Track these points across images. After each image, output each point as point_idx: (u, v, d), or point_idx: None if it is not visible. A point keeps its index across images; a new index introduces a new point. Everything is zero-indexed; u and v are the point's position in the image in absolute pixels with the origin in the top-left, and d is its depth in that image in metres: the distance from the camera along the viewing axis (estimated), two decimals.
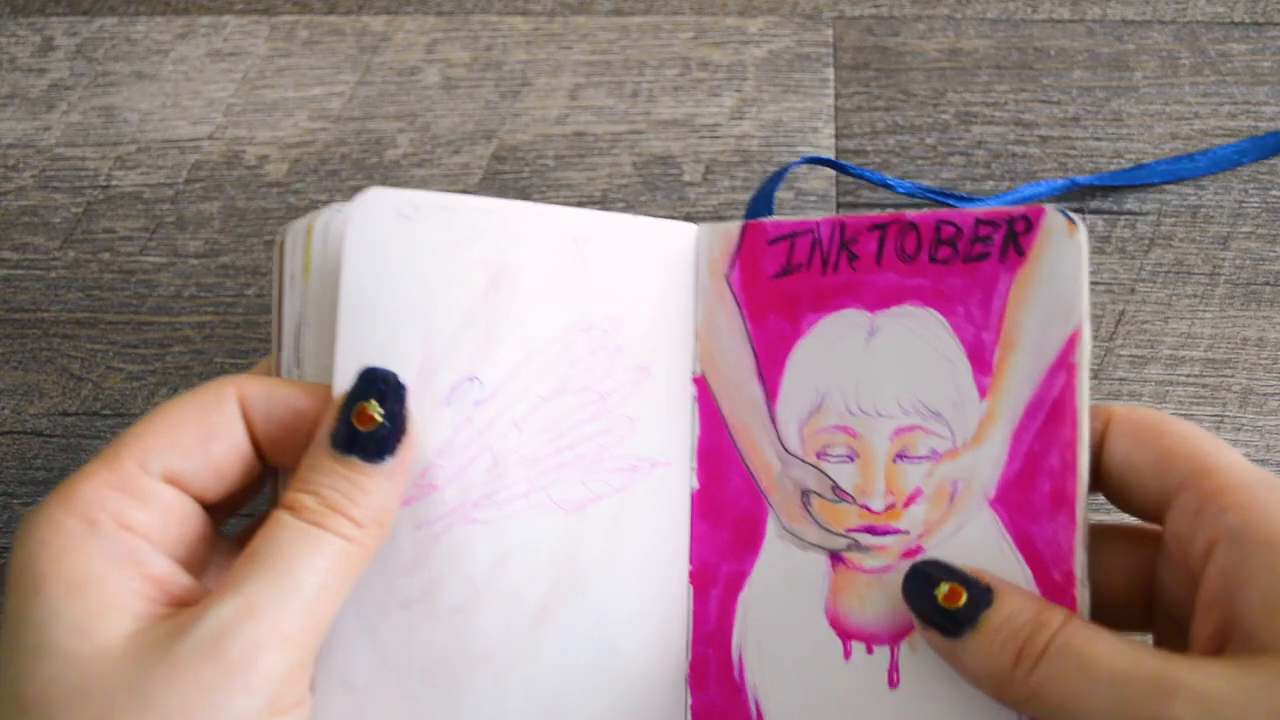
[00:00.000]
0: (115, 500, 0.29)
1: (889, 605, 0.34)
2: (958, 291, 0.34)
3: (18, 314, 0.45)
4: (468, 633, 0.34)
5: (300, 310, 0.34)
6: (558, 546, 0.35)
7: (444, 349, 0.34)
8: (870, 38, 0.48)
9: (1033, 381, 0.33)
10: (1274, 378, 0.44)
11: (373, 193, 0.33)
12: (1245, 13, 0.48)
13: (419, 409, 0.33)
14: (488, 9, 0.49)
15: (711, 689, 0.36)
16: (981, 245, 0.34)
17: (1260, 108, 0.47)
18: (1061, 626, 0.30)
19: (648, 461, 0.36)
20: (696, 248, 0.37)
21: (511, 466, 0.34)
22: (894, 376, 0.35)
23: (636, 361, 0.36)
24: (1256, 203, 0.46)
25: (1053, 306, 0.33)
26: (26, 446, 0.43)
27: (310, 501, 0.30)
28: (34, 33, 0.49)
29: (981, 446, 0.34)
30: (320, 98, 0.48)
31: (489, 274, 0.34)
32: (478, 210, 0.35)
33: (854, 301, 0.35)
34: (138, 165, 0.47)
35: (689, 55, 0.48)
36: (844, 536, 0.35)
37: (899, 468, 0.35)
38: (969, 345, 0.34)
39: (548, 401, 0.35)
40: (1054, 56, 0.48)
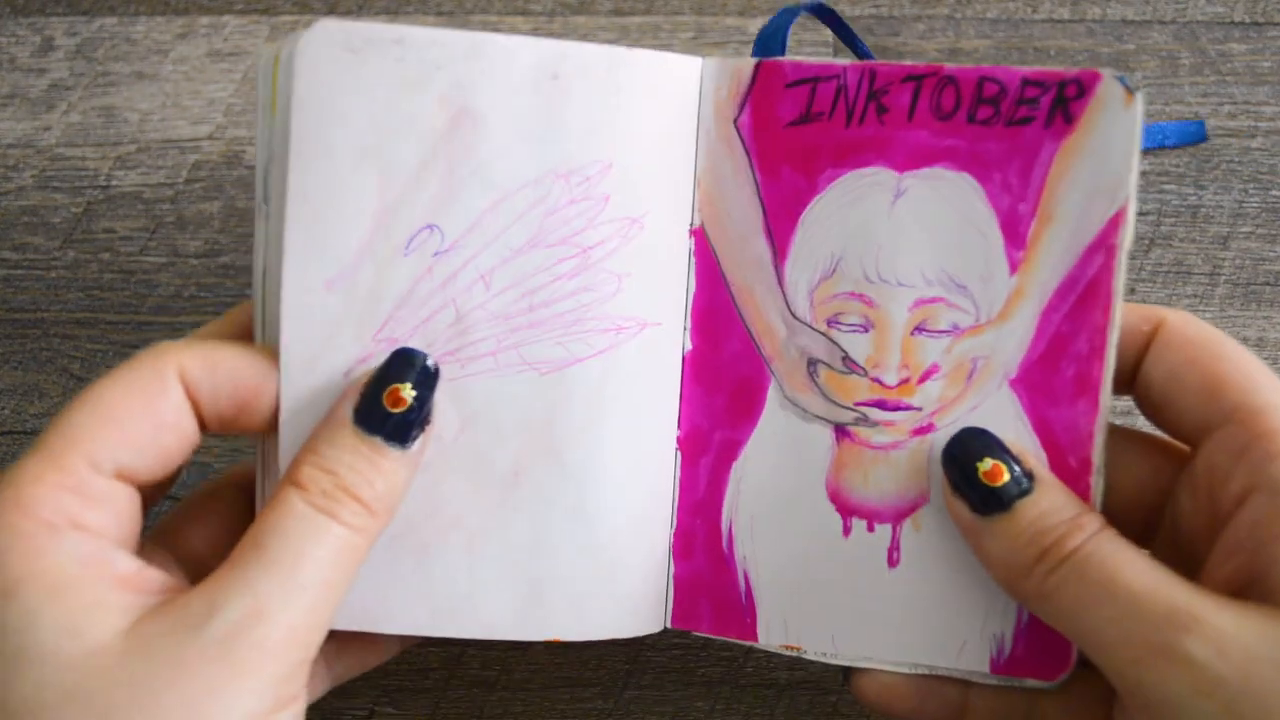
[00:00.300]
0: (70, 502, 0.28)
1: (894, 483, 0.33)
2: (996, 157, 0.32)
3: (18, 314, 0.45)
4: (437, 495, 0.33)
5: (269, 146, 0.32)
6: (532, 410, 0.33)
7: (400, 195, 0.32)
8: (870, 38, 0.48)
9: (1068, 260, 0.31)
10: None
11: (321, 24, 0.31)
12: (1245, 13, 0.48)
13: (375, 259, 0.32)
14: (488, 9, 0.49)
15: (697, 559, 0.35)
16: (1027, 108, 0.31)
17: (1260, 108, 0.47)
18: (1094, 535, 0.29)
19: (636, 321, 0.34)
20: (701, 86, 0.34)
21: (477, 322, 0.32)
22: (919, 244, 0.32)
23: (626, 212, 0.33)
24: (1256, 203, 0.46)
25: (1098, 181, 0.31)
26: (26, 446, 0.43)
27: (324, 480, 0.29)
28: (34, 33, 0.49)
29: (1006, 324, 0.32)
30: None
31: (448, 113, 0.32)
32: (434, 43, 0.32)
33: (880, 159, 0.33)
34: (138, 165, 0.47)
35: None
36: (851, 410, 0.33)
37: (916, 341, 0.33)
38: (1003, 216, 0.32)
39: (520, 254, 0.33)
40: (1054, 56, 0.48)
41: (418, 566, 0.33)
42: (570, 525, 0.33)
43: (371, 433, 0.30)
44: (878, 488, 0.33)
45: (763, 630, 0.34)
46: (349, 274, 0.32)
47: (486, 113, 0.32)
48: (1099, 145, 0.31)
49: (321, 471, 0.29)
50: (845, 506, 0.34)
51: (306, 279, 0.31)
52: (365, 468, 0.29)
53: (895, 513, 0.33)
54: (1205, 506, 0.30)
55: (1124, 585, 0.27)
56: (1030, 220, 0.32)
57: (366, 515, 0.29)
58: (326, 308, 0.31)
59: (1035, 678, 0.32)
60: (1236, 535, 0.28)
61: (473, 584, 0.33)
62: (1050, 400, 0.32)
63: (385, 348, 0.32)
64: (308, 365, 0.31)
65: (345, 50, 0.31)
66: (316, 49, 0.31)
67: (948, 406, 0.33)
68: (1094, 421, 0.31)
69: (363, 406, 0.30)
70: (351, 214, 0.31)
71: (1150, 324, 0.31)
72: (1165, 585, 0.27)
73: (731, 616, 0.35)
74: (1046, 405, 0.32)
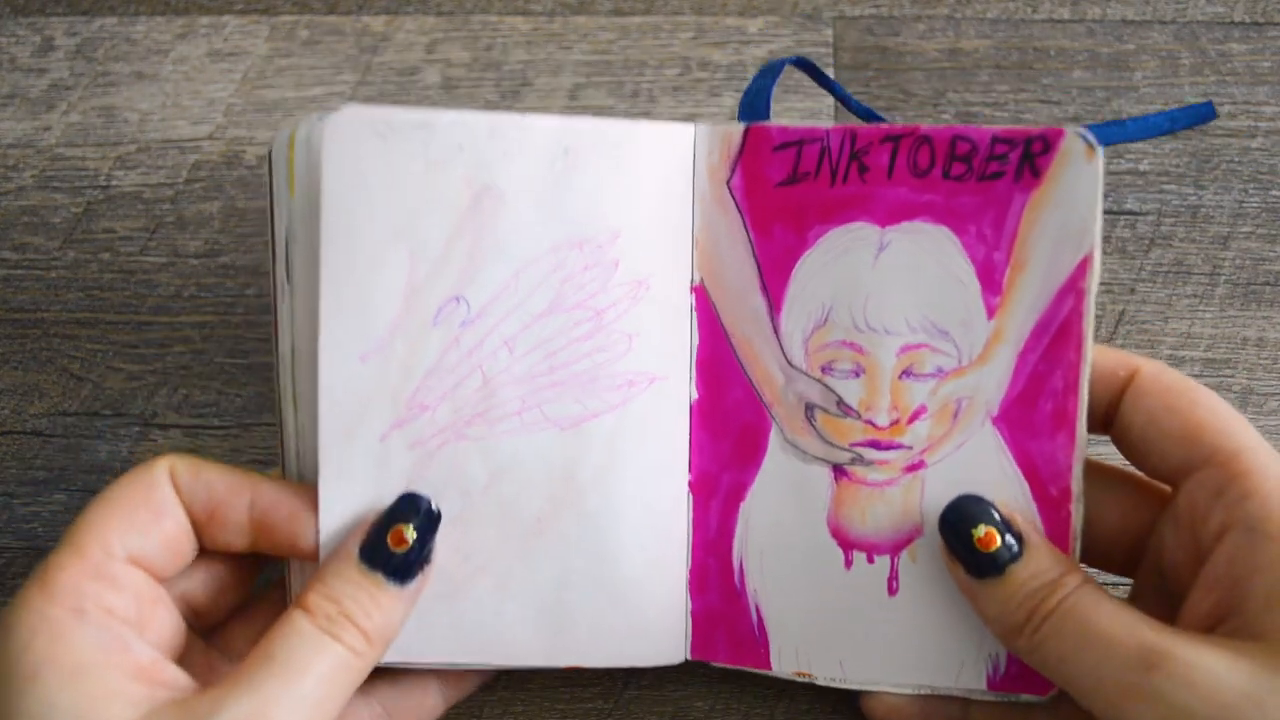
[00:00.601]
0: (93, 587, 0.30)
1: (890, 518, 0.35)
2: (971, 210, 0.34)
3: (18, 314, 0.45)
4: (467, 543, 0.35)
5: (288, 224, 0.34)
6: (554, 462, 0.35)
7: (429, 270, 0.34)
8: (870, 38, 0.48)
9: (1041, 303, 0.34)
10: (1274, 378, 0.44)
11: (347, 111, 0.33)
12: (1245, 13, 0.48)
13: (406, 332, 0.34)
14: (488, 9, 0.49)
15: (712, 594, 0.37)
16: (997, 164, 0.34)
17: (1260, 108, 0.47)
18: (1074, 590, 0.31)
19: (645, 376, 0.36)
20: (694, 151, 0.36)
21: (503, 385, 0.35)
22: (903, 293, 0.35)
23: (634, 275, 0.35)
24: (1256, 203, 0.46)
25: (1065, 230, 0.33)
26: (26, 446, 0.43)
27: (329, 608, 0.31)
28: (34, 33, 0.49)
29: (987, 365, 0.34)
30: (320, 98, 0.48)
31: (472, 191, 0.34)
32: (456, 125, 0.34)
33: (863, 215, 0.35)
34: (138, 165, 0.47)
35: (689, 55, 0.48)
36: (847, 451, 0.35)
37: (904, 384, 0.35)
38: (980, 264, 0.34)
39: (539, 320, 0.35)
40: (1054, 56, 0.48)
41: (449, 608, 0.35)
42: (591, 566, 0.35)
43: (374, 569, 0.32)
44: (875, 523, 0.35)
45: (775, 659, 0.36)
46: (383, 347, 0.34)
47: (506, 189, 0.34)
48: (1065, 196, 0.33)
49: (326, 599, 0.31)
50: (846, 541, 0.36)
51: (342, 353, 0.33)
52: (366, 600, 0.31)
53: (893, 545, 0.35)
54: (1188, 543, 0.32)
55: (1099, 632, 0.29)
56: (1005, 268, 0.34)
57: (365, 642, 0.31)
58: (361, 379, 0.34)
59: (1029, 693, 0.34)
60: (1215, 570, 0.30)
61: (500, 621, 0.35)
62: (1030, 434, 0.34)
63: (417, 413, 0.34)
64: (345, 434, 0.34)
65: (372, 135, 0.33)
66: (344, 135, 0.33)
67: (936, 444, 0.35)
68: (1072, 453, 0.34)
69: (368, 544, 0.32)
70: (384, 290, 0.33)
71: (1126, 370, 0.33)
72: (1137, 628, 0.29)
73: (746, 647, 0.37)
74: (1027, 439, 0.34)
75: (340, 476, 0.34)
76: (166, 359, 0.44)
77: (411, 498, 0.33)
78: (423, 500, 0.33)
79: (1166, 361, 0.44)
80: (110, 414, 0.44)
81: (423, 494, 0.34)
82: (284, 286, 0.34)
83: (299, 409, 0.34)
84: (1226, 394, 0.43)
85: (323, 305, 0.33)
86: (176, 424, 0.43)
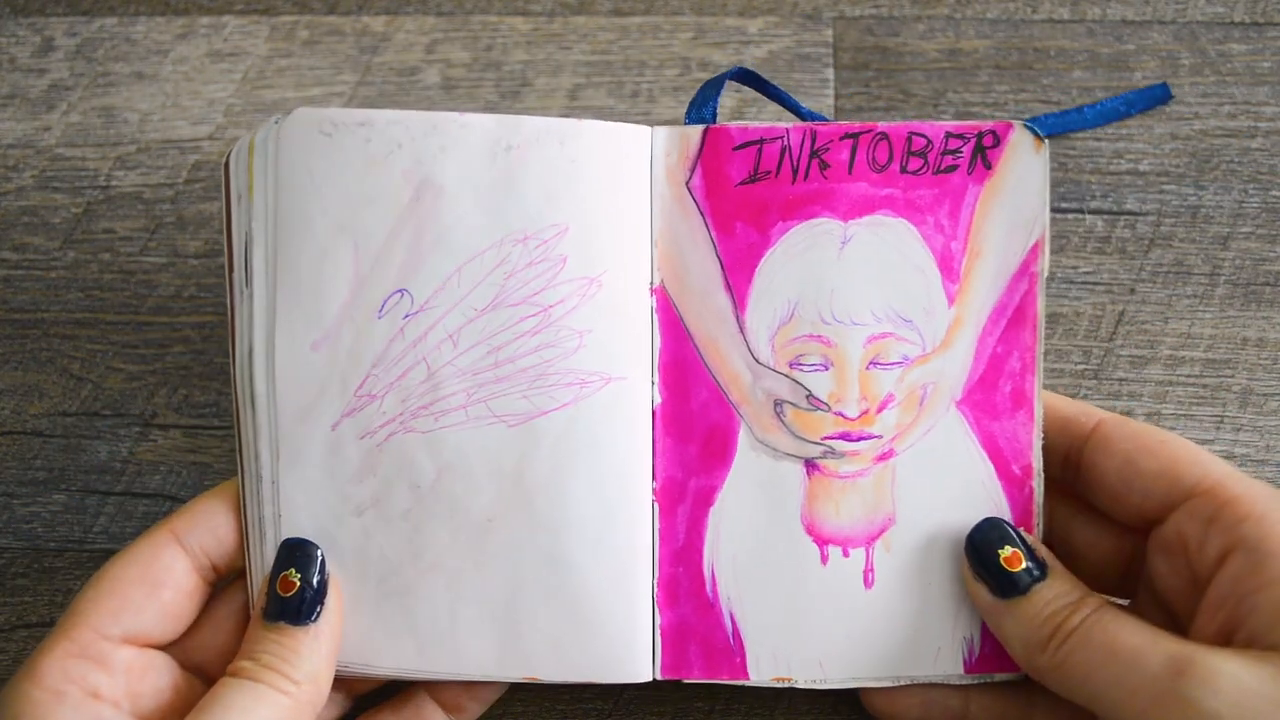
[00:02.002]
0: (78, 668, 0.32)
1: (864, 509, 0.36)
2: (928, 202, 0.36)
3: (18, 314, 0.45)
4: (418, 540, 0.35)
5: (247, 227, 0.35)
6: (502, 460, 0.35)
7: (372, 263, 0.35)
8: (870, 38, 0.48)
9: (997, 289, 0.36)
10: (1274, 378, 0.44)
11: (298, 113, 0.35)
12: (1245, 13, 0.48)
13: (353, 322, 0.35)
14: (488, 9, 0.49)
15: (683, 606, 0.36)
16: (951, 157, 0.36)
17: (1260, 108, 0.47)
18: (1095, 610, 0.32)
19: (599, 376, 0.36)
20: (651, 153, 0.36)
21: (447, 378, 0.35)
22: (867, 285, 0.36)
23: (584, 272, 0.36)
24: (1256, 203, 0.46)
25: (1017, 217, 0.35)
26: (26, 446, 0.43)
27: (249, 665, 0.33)
28: (34, 33, 0.49)
29: (950, 351, 0.36)
30: (320, 98, 0.48)
31: (411, 187, 0.35)
32: (395, 123, 0.35)
33: (826, 210, 0.36)
34: (138, 165, 0.47)
35: (689, 55, 0.48)
36: (819, 444, 0.36)
37: (872, 374, 0.36)
38: (939, 254, 0.36)
39: (483, 314, 0.35)
40: (1054, 56, 0.48)
41: (403, 608, 0.35)
42: (544, 572, 0.36)
43: (277, 620, 0.34)
44: (849, 515, 0.36)
45: (753, 667, 0.36)
46: (331, 336, 0.35)
47: (447, 184, 0.35)
48: (1016, 186, 0.35)
49: (246, 660, 0.33)
50: (821, 536, 0.36)
51: (295, 341, 0.35)
52: (279, 649, 0.33)
53: (867, 536, 0.36)
54: (1183, 570, 0.33)
55: (1124, 645, 0.31)
56: (962, 256, 0.36)
57: (292, 685, 0.33)
58: (313, 367, 0.35)
59: (1004, 672, 0.36)
60: (1220, 591, 0.32)
61: (454, 623, 0.35)
62: (992, 415, 0.36)
63: (366, 403, 0.35)
64: (300, 418, 0.35)
65: (319, 134, 0.35)
66: (295, 135, 0.35)
67: (905, 432, 0.36)
68: (1032, 430, 0.36)
69: (267, 602, 0.34)
70: (331, 281, 0.35)
71: (1088, 419, 0.35)
72: (1161, 640, 0.31)
73: (721, 659, 0.36)
74: (990, 420, 0.36)
75: (297, 463, 0.35)
76: (166, 359, 0.44)
77: (286, 544, 0.35)
78: (295, 541, 0.35)
79: (1166, 362, 0.44)
80: (110, 414, 0.44)
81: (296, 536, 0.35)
82: (242, 290, 0.35)
83: (255, 408, 0.35)
84: (1226, 394, 0.43)
85: (279, 295, 0.35)
86: (176, 424, 0.43)
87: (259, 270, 0.35)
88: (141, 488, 0.43)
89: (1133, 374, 0.44)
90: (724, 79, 0.39)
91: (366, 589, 0.35)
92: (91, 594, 0.33)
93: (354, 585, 0.35)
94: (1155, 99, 0.46)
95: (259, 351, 0.35)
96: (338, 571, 0.35)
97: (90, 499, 0.43)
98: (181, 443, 0.43)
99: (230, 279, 0.35)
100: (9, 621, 0.41)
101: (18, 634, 0.41)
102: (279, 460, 0.35)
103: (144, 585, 0.33)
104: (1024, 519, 0.36)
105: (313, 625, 0.34)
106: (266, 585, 0.34)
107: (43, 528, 0.42)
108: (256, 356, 0.35)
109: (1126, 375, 0.44)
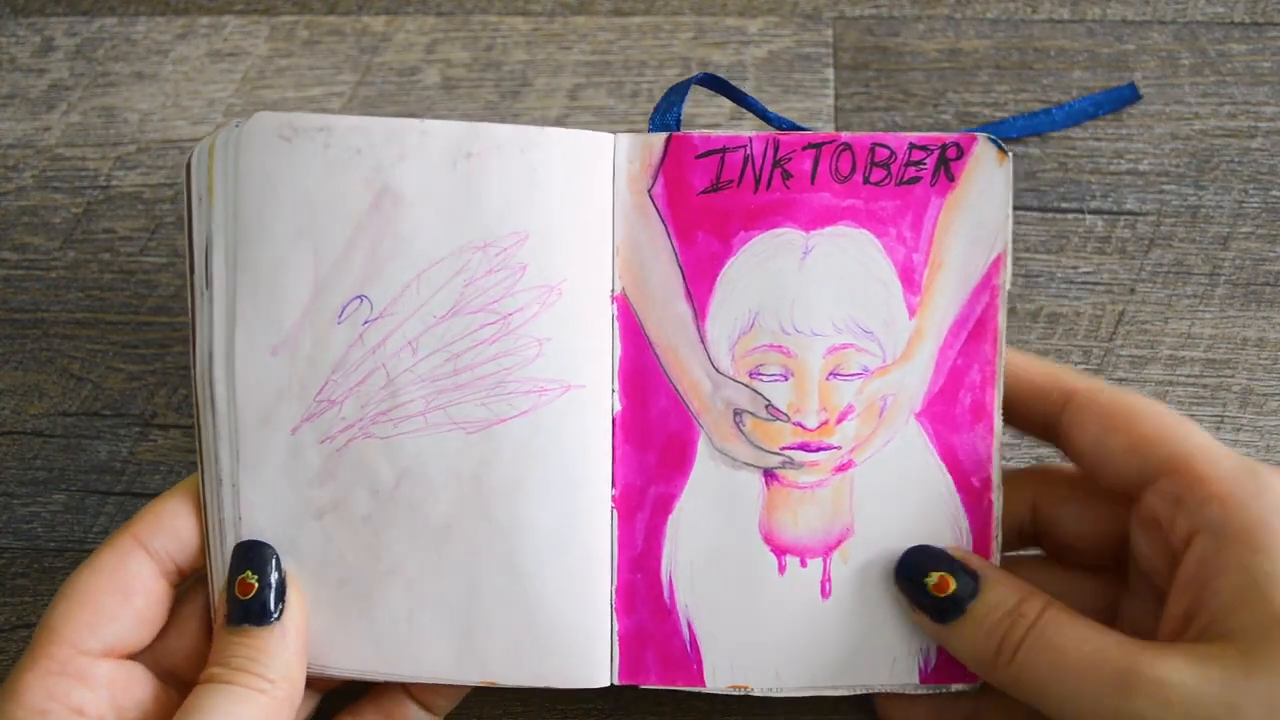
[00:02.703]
0: (60, 685, 0.32)
1: (822, 519, 0.36)
2: (890, 213, 0.35)
3: (18, 314, 0.45)
4: (377, 544, 0.36)
5: (207, 230, 0.35)
6: (461, 467, 0.35)
7: (332, 269, 0.35)
8: (870, 38, 0.48)
9: (958, 301, 0.35)
10: (1274, 378, 0.44)
11: (258, 117, 0.35)
12: (1245, 13, 0.48)
13: (313, 327, 0.35)
14: (488, 9, 0.49)
15: (640, 613, 0.36)
16: (914, 169, 0.35)
17: (1260, 108, 0.47)
18: (1038, 618, 0.32)
19: (559, 384, 0.36)
20: (614, 160, 0.36)
21: (406, 385, 0.35)
22: (828, 296, 0.36)
23: (544, 281, 0.36)
24: (1256, 203, 0.46)
25: (980, 230, 0.35)
26: (26, 446, 0.43)
27: (221, 670, 0.33)
28: (34, 33, 0.49)
29: (910, 363, 0.36)
30: (320, 98, 0.48)
31: (371, 193, 0.35)
32: (355, 130, 0.35)
33: (788, 220, 0.36)
34: (138, 165, 0.47)
35: (689, 55, 0.48)
36: (778, 454, 0.36)
37: (832, 385, 0.36)
38: (900, 266, 0.35)
39: (442, 321, 0.35)
40: (1054, 56, 0.48)
41: (362, 611, 0.36)
42: (501, 577, 0.36)
43: (240, 623, 0.33)
44: (807, 525, 0.36)
45: (709, 674, 0.36)
46: (291, 341, 0.35)
47: (405, 191, 0.35)
48: (978, 198, 0.35)
49: (216, 665, 0.33)
50: (778, 546, 0.36)
51: (254, 345, 0.35)
52: (247, 652, 0.33)
53: (825, 547, 0.36)
54: (1161, 548, 0.33)
55: (1072, 660, 0.31)
56: (924, 268, 0.35)
57: (267, 684, 0.33)
58: (272, 371, 0.35)
59: (960, 682, 0.36)
60: (1186, 574, 0.31)
61: (413, 626, 0.36)
62: (952, 428, 0.36)
63: (325, 408, 0.35)
64: (259, 422, 0.35)
65: (279, 138, 0.35)
66: (255, 139, 0.35)
67: (864, 443, 0.36)
68: (991, 443, 0.36)
69: (229, 608, 0.34)
70: (291, 286, 0.35)
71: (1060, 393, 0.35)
72: (1108, 650, 0.30)
73: (678, 665, 0.36)
74: (949, 433, 0.36)
75: (256, 466, 0.35)
76: (166, 359, 0.44)
77: (239, 547, 0.35)
78: (248, 544, 0.35)
79: (1166, 362, 0.44)
80: (110, 414, 0.44)
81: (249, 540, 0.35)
82: (203, 293, 0.35)
83: (215, 411, 0.35)
84: (1226, 394, 0.43)
85: (238, 298, 0.35)
86: (176, 424, 0.43)
87: (219, 273, 0.35)
88: (141, 488, 0.43)
89: (1133, 374, 0.44)
90: (688, 85, 0.38)
91: (326, 591, 0.35)
92: (64, 608, 0.33)
93: (314, 587, 0.35)
94: (1123, 99, 0.46)
95: (219, 354, 0.35)
96: (298, 573, 0.35)
97: (90, 499, 0.43)
98: (181, 443, 0.43)
99: (191, 281, 0.35)
100: (9, 621, 0.41)
101: (18, 634, 0.41)
102: (239, 463, 0.35)
103: (115, 595, 0.33)
104: (982, 531, 0.36)
105: (277, 624, 0.34)
106: (225, 593, 0.34)
107: (43, 528, 0.42)
108: (216, 359, 0.35)
109: (1126, 375, 0.44)
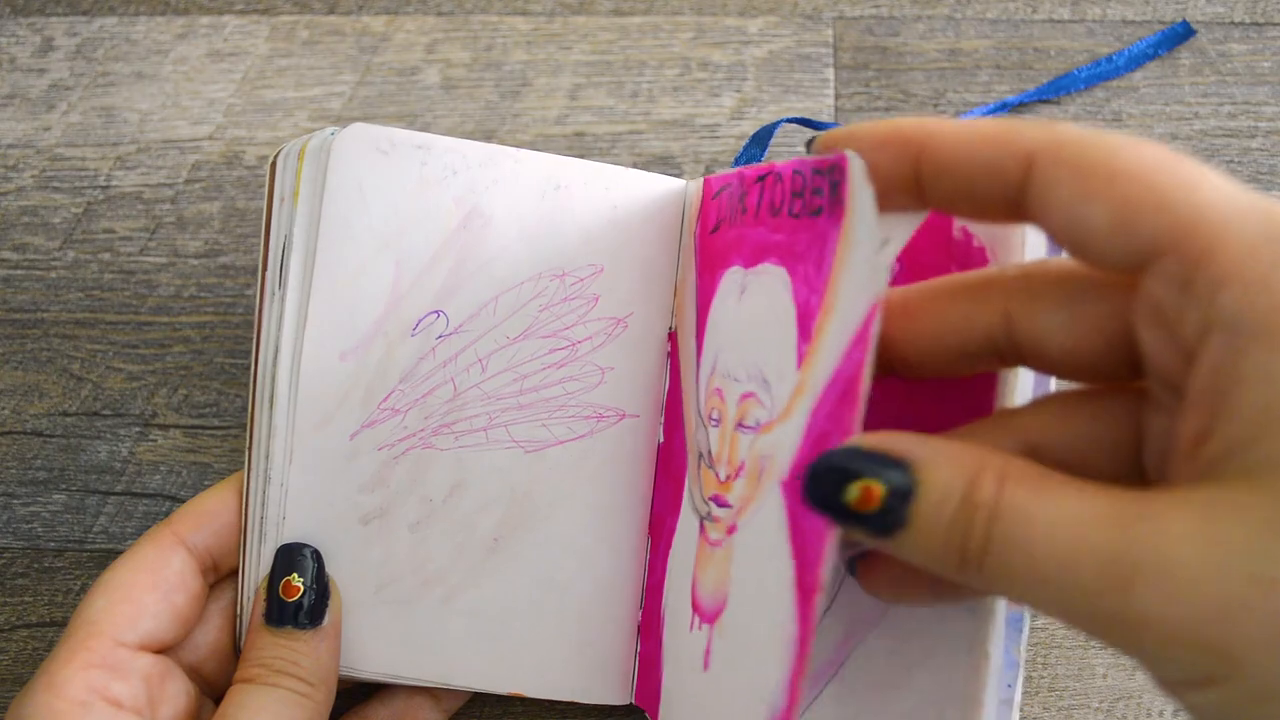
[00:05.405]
0: (99, 678, 0.31)
1: (715, 583, 0.31)
2: (803, 249, 0.28)
3: (18, 314, 0.45)
4: (422, 552, 0.36)
5: (287, 230, 0.36)
6: (514, 482, 0.36)
7: (413, 281, 0.36)
8: (870, 38, 0.48)
9: (837, 355, 0.27)
10: None
11: (355, 128, 0.35)
12: (1245, 13, 0.48)
13: (386, 336, 0.35)
14: (488, 9, 0.49)
15: (651, 642, 0.37)
16: (817, 197, 0.28)
17: (1260, 108, 0.47)
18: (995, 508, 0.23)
19: (616, 412, 0.37)
20: (686, 203, 0.37)
21: (472, 400, 0.36)
22: (747, 340, 0.31)
23: (613, 312, 0.37)
24: None
25: (860, 270, 0.26)
26: (26, 446, 0.43)
27: (263, 671, 0.33)
28: (34, 33, 0.49)
29: (788, 422, 0.28)
30: (320, 98, 0.48)
31: (461, 213, 0.36)
32: (452, 150, 0.36)
33: (738, 258, 0.32)
34: (138, 165, 0.47)
35: (689, 55, 0.48)
36: (706, 503, 0.33)
37: (737, 436, 0.31)
38: (800, 309, 0.28)
39: (514, 342, 0.36)
40: (1054, 56, 0.48)
41: (396, 615, 0.36)
42: (539, 592, 0.36)
43: (282, 625, 0.34)
44: (707, 586, 0.32)
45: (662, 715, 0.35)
46: (361, 348, 0.35)
47: (495, 214, 0.36)
48: (859, 230, 0.26)
49: (256, 666, 0.33)
50: (694, 602, 0.33)
51: (323, 348, 0.35)
52: (288, 654, 0.33)
53: (713, 614, 0.31)
54: (1171, 345, 0.24)
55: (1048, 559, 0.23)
56: (818, 313, 0.28)
57: (306, 686, 0.33)
58: (338, 376, 0.35)
59: None
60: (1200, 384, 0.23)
61: (447, 635, 0.36)
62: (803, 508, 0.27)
63: (387, 416, 0.36)
64: (318, 425, 0.35)
65: (376, 150, 0.35)
66: (350, 147, 0.35)
67: (744, 507, 0.30)
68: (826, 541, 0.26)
69: (268, 608, 0.34)
70: (369, 295, 0.35)
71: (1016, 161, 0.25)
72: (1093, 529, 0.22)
73: (653, 701, 0.36)
74: (801, 513, 0.27)
75: (309, 469, 0.35)
76: (166, 359, 0.44)
77: (284, 549, 0.35)
78: (294, 546, 0.35)
79: None
80: (110, 414, 0.44)
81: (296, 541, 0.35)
82: (274, 292, 0.35)
83: (274, 409, 0.35)
84: None
85: (312, 300, 0.35)
86: (176, 424, 0.43)
87: (294, 274, 0.35)
88: (141, 488, 0.43)
89: None
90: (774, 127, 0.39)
91: (362, 595, 0.36)
92: (103, 601, 0.33)
93: (349, 591, 0.36)
94: (1178, 38, 0.47)
95: (285, 354, 0.35)
96: (334, 575, 0.36)
97: (90, 499, 0.43)
98: (181, 443, 0.43)
99: (263, 279, 0.36)
100: (9, 621, 0.41)
101: (18, 634, 0.41)
102: (291, 464, 0.35)
103: (156, 591, 0.33)
104: (805, 639, 0.27)
105: (323, 627, 0.34)
106: (265, 590, 0.34)
107: (43, 528, 0.42)
108: (282, 359, 0.35)
109: None
